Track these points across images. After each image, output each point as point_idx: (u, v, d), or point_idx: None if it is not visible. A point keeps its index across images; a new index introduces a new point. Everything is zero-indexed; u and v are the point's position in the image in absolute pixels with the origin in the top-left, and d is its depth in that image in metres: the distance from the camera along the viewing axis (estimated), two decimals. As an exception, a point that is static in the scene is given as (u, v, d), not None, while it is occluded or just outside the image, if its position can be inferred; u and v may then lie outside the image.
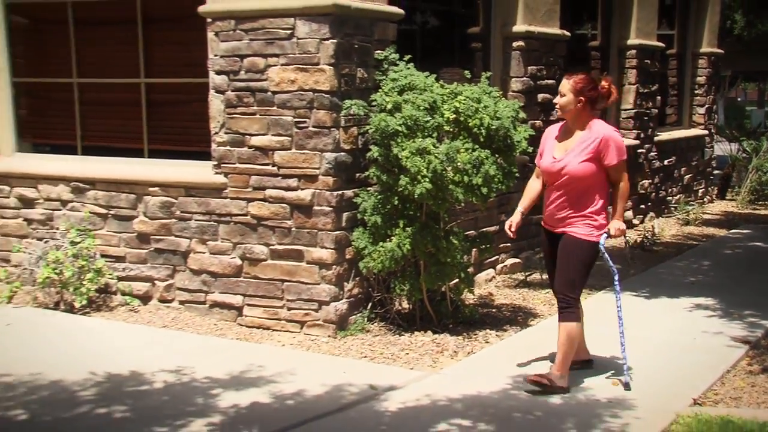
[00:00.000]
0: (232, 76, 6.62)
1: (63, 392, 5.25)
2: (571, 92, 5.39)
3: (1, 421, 4.82)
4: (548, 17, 9.00)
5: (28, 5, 7.82)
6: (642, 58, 11.25)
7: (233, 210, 6.75)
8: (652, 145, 11.94)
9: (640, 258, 9.58)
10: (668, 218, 12.41)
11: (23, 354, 5.96)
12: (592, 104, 5.46)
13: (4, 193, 7.78)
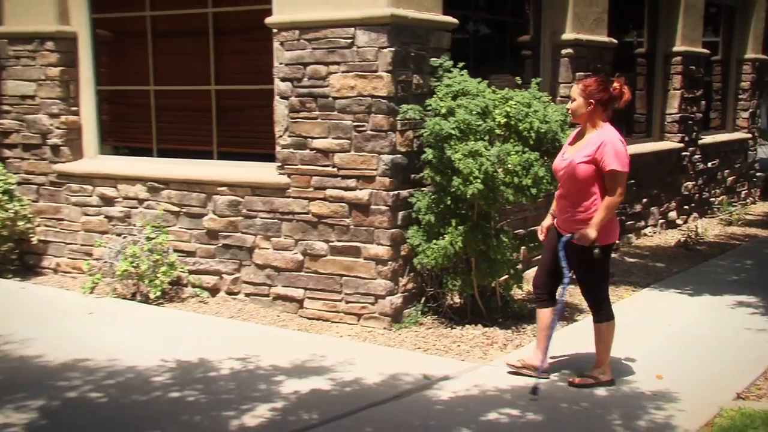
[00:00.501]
0: (295, 83, 6.65)
1: (138, 377, 5.32)
2: (581, 96, 5.18)
3: (82, 403, 4.90)
4: (596, 25, 8.89)
5: (111, 19, 7.94)
6: (687, 64, 11.04)
7: (295, 208, 6.79)
8: (696, 148, 11.72)
9: (684, 257, 9.41)
10: (711, 219, 12.17)
11: (103, 341, 6.05)
12: (604, 106, 5.21)
13: (87, 192, 7.92)
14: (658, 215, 10.85)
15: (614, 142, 5.11)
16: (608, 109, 5.27)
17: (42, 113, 8.02)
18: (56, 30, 7.86)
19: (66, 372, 5.38)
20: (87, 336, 6.18)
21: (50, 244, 8.18)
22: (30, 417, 4.65)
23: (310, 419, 4.66)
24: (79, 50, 7.98)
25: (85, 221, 7.95)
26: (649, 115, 11.06)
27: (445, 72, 6.62)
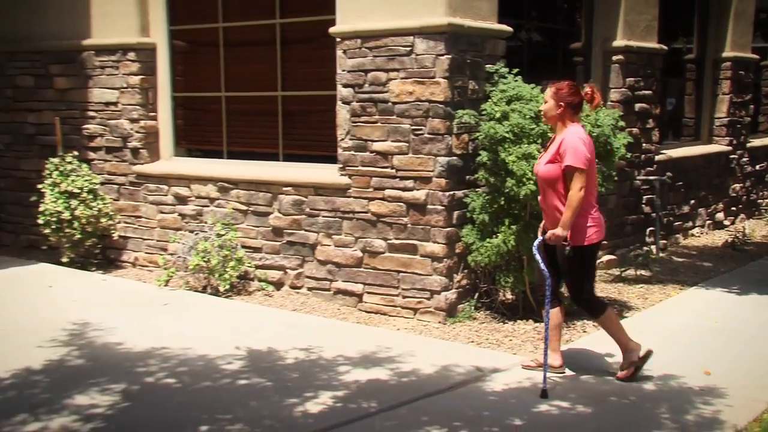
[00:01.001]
0: (357, 89, 6.69)
1: (210, 365, 5.40)
2: (553, 99, 5.11)
3: (158, 387, 5.00)
4: (647, 32, 8.75)
5: (186, 31, 8.06)
6: (736, 69, 10.79)
7: (356, 208, 6.82)
8: (745, 151, 11.45)
9: (731, 257, 9.20)
10: (759, 220, 11.87)
11: (177, 330, 6.15)
12: (573, 109, 5.11)
13: (163, 192, 8.06)
14: (706, 216, 10.63)
15: (573, 140, 5.00)
16: (578, 113, 5.21)
17: (123, 118, 8.19)
18: (138, 42, 8.02)
19: (144, 359, 5.49)
20: (162, 325, 6.29)
21: (129, 240, 8.35)
22: (113, 399, 4.77)
23: (369, 407, 4.68)
24: (157, 60, 8.14)
25: (161, 218, 8.10)
26: (698, 119, 10.84)
27: (500, 78, 6.59)
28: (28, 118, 8.86)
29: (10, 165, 9.09)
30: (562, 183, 5.06)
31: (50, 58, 8.58)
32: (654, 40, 8.91)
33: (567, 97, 5.07)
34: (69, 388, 4.91)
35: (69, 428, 4.36)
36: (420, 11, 6.32)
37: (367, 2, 6.57)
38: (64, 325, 6.21)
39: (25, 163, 8.93)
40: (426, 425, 4.44)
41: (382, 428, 4.43)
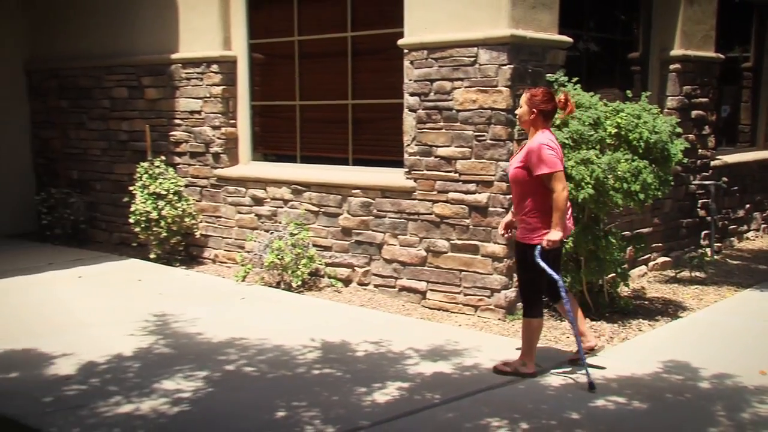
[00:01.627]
0: (423, 98, 6.69)
1: (285, 355, 5.45)
2: (527, 105, 5.02)
3: (238, 375, 5.07)
4: (704, 42, 8.55)
5: (264, 44, 8.16)
6: (792, 77, 10.48)
7: (420, 210, 6.82)
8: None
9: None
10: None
11: (254, 322, 6.23)
12: (545, 116, 5.01)
13: (241, 194, 8.18)
14: (761, 220, 10.31)
15: (539, 148, 4.90)
16: (550, 119, 5.12)
17: (206, 126, 8.34)
18: (220, 55, 8.16)
19: (224, 348, 5.57)
20: (240, 318, 6.38)
21: (210, 238, 8.49)
22: (196, 385, 4.86)
23: (432, 398, 4.68)
24: (237, 71, 8.26)
25: (239, 218, 8.22)
26: (754, 125, 10.51)
27: (560, 86, 6.51)
28: (121, 126, 9.11)
29: (105, 169, 9.35)
30: (532, 188, 4.98)
31: (142, 71, 8.81)
32: (711, 50, 8.70)
33: (540, 104, 4.99)
34: (157, 374, 5.02)
35: (158, 410, 4.46)
36: (484, 24, 6.29)
37: (433, 16, 6.56)
38: (151, 316, 6.35)
39: (118, 167, 9.18)
40: (487, 416, 4.41)
41: (445, 419, 4.42)
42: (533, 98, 5.00)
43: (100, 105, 9.28)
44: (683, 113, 8.27)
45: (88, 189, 9.53)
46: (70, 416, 4.36)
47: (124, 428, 4.22)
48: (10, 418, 4.36)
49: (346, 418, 4.37)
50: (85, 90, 9.40)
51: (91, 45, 9.30)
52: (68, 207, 9.36)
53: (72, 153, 9.67)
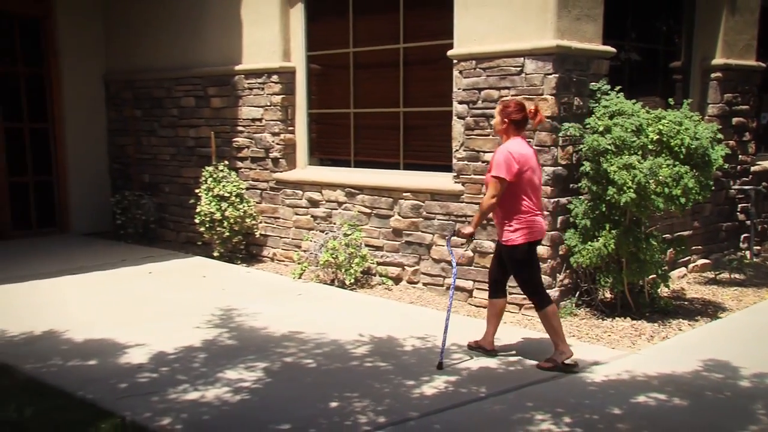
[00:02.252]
0: (471, 105, 6.66)
1: (338, 348, 5.47)
2: (500, 115, 5.13)
3: (296, 367, 5.11)
4: (745, 51, 8.35)
5: (321, 56, 8.22)
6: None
7: (468, 212, 6.79)
8: None
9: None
10: None
11: (309, 317, 6.26)
12: (516, 125, 5.08)
13: (298, 196, 8.25)
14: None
15: (502, 152, 5.00)
16: (521, 128, 5.14)
17: (266, 132, 8.43)
18: (280, 66, 8.23)
19: (282, 341, 5.61)
20: (297, 313, 6.41)
21: (269, 238, 8.57)
22: (257, 375, 4.90)
23: (479, 392, 4.65)
24: (296, 81, 8.32)
25: (296, 219, 8.28)
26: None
27: (603, 95, 6.43)
28: (189, 132, 9.26)
29: (173, 173, 9.52)
30: (508, 191, 5.00)
31: (208, 82, 8.94)
32: (752, 58, 8.49)
33: (511, 114, 5.08)
34: (221, 364, 5.09)
35: (221, 398, 4.52)
36: (530, 35, 6.24)
37: (482, 28, 6.53)
38: (215, 310, 6.43)
39: (185, 171, 9.34)
40: (531, 410, 4.37)
41: (491, 411, 4.39)
42: (506, 109, 5.11)
43: (170, 114, 9.45)
44: (724, 120, 8.09)
45: (158, 191, 9.71)
46: (142, 402, 4.44)
47: (191, 414, 4.28)
48: (89, 402, 4.46)
49: (396, 409, 4.38)
50: (157, 100, 9.59)
51: (162, 58, 9.48)
52: (140, 208, 9.55)
53: (144, 158, 9.88)
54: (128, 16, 9.86)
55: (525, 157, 5.01)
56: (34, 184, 10.04)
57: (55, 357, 5.23)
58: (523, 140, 5.15)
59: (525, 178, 5.00)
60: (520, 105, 5.15)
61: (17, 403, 4.47)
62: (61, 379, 4.79)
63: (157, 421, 4.17)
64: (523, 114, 5.11)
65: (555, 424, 4.19)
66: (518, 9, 6.30)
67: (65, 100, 9.97)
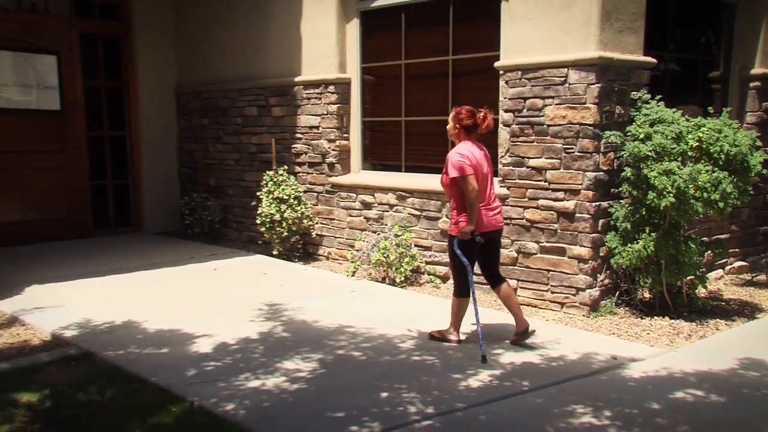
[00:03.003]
0: (516, 114, 6.62)
1: (390, 342, 5.48)
2: (453, 120, 5.31)
3: (347, 359, 5.14)
4: (783, 61, 8.12)
5: (374, 67, 8.25)
6: None
7: (513, 215, 6.75)
8: None
9: None
10: None
11: (362, 312, 6.30)
12: (467, 130, 5.27)
13: (352, 199, 8.30)
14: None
15: (451, 156, 5.21)
16: (472, 133, 5.31)
17: (323, 139, 8.50)
18: (336, 77, 8.30)
19: (336, 334, 5.65)
20: (350, 308, 6.45)
21: (324, 238, 8.64)
22: (312, 366, 4.95)
23: (522, 385, 4.62)
24: (351, 91, 8.38)
25: (350, 221, 8.34)
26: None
27: (644, 103, 6.32)
28: (251, 140, 9.40)
29: (237, 177, 9.67)
30: (455, 190, 5.24)
31: (270, 93, 9.06)
32: (790, 68, 8.24)
33: (463, 120, 5.27)
34: (278, 355, 5.15)
35: (280, 386, 4.57)
36: (574, 47, 6.17)
37: (527, 40, 6.49)
38: (274, 304, 6.51)
39: (247, 175, 9.48)
40: (572, 404, 4.32)
41: (534, 404, 4.36)
42: (458, 115, 5.30)
43: (234, 122, 9.61)
44: (762, 128, 7.86)
45: (223, 194, 9.88)
46: (209, 388, 4.53)
47: (252, 401, 4.35)
48: (162, 387, 4.57)
49: (443, 400, 4.37)
50: (223, 109, 9.76)
51: (227, 71, 9.65)
52: (206, 209, 9.72)
53: (210, 163, 10.06)
54: (197, 33, 10.07)
55: (475, 158, 5.25)
56: (113, 187, 10.33)
57: (131, 345, 5.37)
58: (473, 143, 5.34)
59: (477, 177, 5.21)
60: (471, 112, 5.30)
61: (99, 386, 4.61)
62: (136, 366, 4.92)
63: (223, 407, 4.25)
64: (473, 120, 5.28)
65: (596, 417, 4.14)
66: (562, 22, 6.24)
67: (141, 111, 10.24)
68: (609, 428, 4.00)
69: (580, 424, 4.05)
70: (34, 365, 5.01)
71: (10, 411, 4.25)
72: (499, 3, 6.72)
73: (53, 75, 9.43)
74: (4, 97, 9.11)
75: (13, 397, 4.45)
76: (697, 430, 4.01)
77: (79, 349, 5.30)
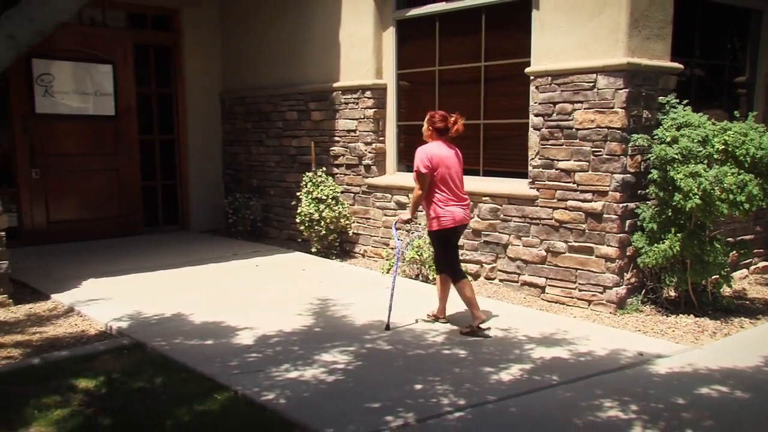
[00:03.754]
0: (546, 118, 6.56)
1: (424, 336, 5.47)
2: (427, 123, 5.63)
3: (379, 352, 5.12)
4: (809, 65, 7.92)
5: (410, 73, 8.25)
6: None
7: (542, 215, 6.70)
8: None
9: None
10: None
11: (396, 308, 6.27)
12: (438, 132, 5.56)
13: (387, 199, 8.31)
14: None
15: (419, 152, 5.51)
16: (443, 135, 5.58)
17: (360, 142, 8.53)
18: (373, 83, 8.31)
19: (371, 329, 5.67)
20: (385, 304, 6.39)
21: (360, 236, 8.66)
22: (350, 359, 4.96)
23: (551, 379, 4.59)
24: (387, 96, 8.38)
25: (385, 220, 8.34)
26: None
27: (671, 108, 6.22)
28: (292, 142, 9.47)
29: (278, 178, 9.75)
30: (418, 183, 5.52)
31: (309, 98, 9.11)
32: (817, 72, 8.04)
33: (436, 123, 5.57)
34: (317, 348, 5.17)
35: (318, 378, 4.60)
36: (602, 53, 6.10)
37: (557, 47, 6.43)
38: (313, 299, 6.55)
39: (288, 176, 9.54)
40: (600, 398, 4.28)
41: (563, 397, 4.32)
42: (432, 119, 5.61)
43: (276, 126, 9.69)
44: (788, 131, 7.68)
45: (264, 194, 9.97)
46: (251, 377, 4.58)
47: (293, 390, 4.38)
48: (207, 376, 4.63)
49: (475, 392, 4.36)
50: (265, 114, 9.85)
51: (270, 78, 9.73)
52: (248, 209, 9.82)
53: (252, 165, 10.16)
54: (241, 42, 10.18)
55: (439, 157, 5.47)
56: (161, 187, 10.50)
57: (179, 336, 5.45)
58: (443, 143, 5.58)
59: (439, 174, 5.45)
60: (444, 116, 5.59)
61: (149, 374, 4.70)
62: (183, 356, 4.99)
63: (264, 396, 4.29)
64: (444, 123, 5.57)
65: (622, 411, 4.09)
66: (591, 30, 6.17)
67: (188, 115, 10.38)
68: (635, 422, 3.95)
69: (607, 418, 4.01)
70: (90, 353, 5.12)
71: (69, 395, 4.35)
72: (530, 12, 6.67)
73: (109, 83, 9.62)
74: (64, 104, 9.33)
75: (72, 382, 4.55)
76: (722, 426, 3.94)
77: (130, 340, 5.40)
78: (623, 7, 5.95)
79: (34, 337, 5.56)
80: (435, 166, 5.42)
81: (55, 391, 4.39)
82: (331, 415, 4.02)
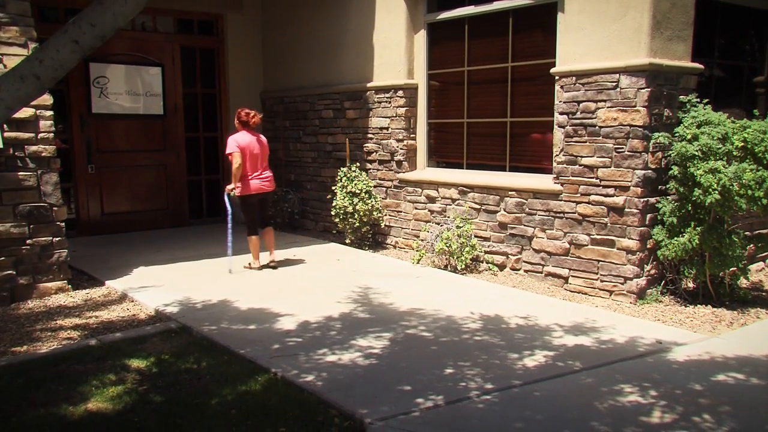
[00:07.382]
0: (570, 116, 6.52)
1: (453, 323, 5.51)
2: (236, 118, 7.15)
3: (415, 337, 5.18)
4: (828, 65, 7.72)
5: (439, 74, 8.25)
6: None
7: (565, 209, 6.66)
8: None
9: None
10: None
11: (426, 296, 6.34)
12: (243, 124, 7.13)
13: (417, 193, 8.33)
14: None
15: (229, 139, 7.05)
16: (246, 126, 7.13)
17: (392, 139, 8.56)
18: (405, 83, 8.31)
19: (405, 316, 5.70)
20: (416, 292, 6.50)
21: (392, 228, 8.70)
22: (384, 344, 5.01)
23: (574, 365, 4.59)
24: (418, 95, 8.39)
25: (415, 213, 8.37)
26: None
27: (692, 107, 6.13)
28: (328, 139, 9.53)
29: (314, 173, 9.83)
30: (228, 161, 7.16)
31: (345, 97, 9.16)
32: (835, 71, 7.84)
33: (241, 118, 7.12)
34: (353, 333, 5.23)
35: (354, 361, 4.66)
36: (625, 54, 6.04)
37: (581, 49, 6.38)
38: (348, 288, 6.61)
39: (324, 171, 9.62)
40: (620, 383, 4.28)
41: (585, 383, 4.32)
42: (239, 114, 7.14)
43: (313, 124, 9.76)
44: (807, 128, 7.51)
45: (301, 188, 10.06)
46: (291, 360, 4.65)
47: (329, 373, 4.44)
48: (249, 359, 4.72)
49: (502, 377, 4.39)
50: (303, 112, 9.92)
51: (307, 78, 9.80)
52: (286, 202, 9.92)
53: (291, 161, 10.25)
54: (280, 45, 10.26)
55: (245, 142, 7.02)
56: (206, 182, 10.65)
57: (224, 321, 5.56)
58: (247, 132, 7.12)
59: (245, 155, 7.01)
60: (247, 113, 7.09)
61: (195, 356, 4.80)
62: (227, 339, 5.09)
63: (303, 378, 4.36)
64: (247, 118, 7.08)
65: (642, 396, 4.08)
66: (615, 31, 6.11)
67: (231, 114, 10.49)
68: (654, 407, 3.94)
69: (627, 402, 4.00)
70: (142, 336, 5.26)
71: (123, 374, 4.48)
72: (556, 15, 6.63)
73: (158, 84, 9.79)
74: (117, 104, 9.52)
75: (125, 362, 4.68)
76: (739, 411, 3.91)
77: (178, 324, 5.52)
78: (646, 9, 5.88)
79: (90, 320, 5.72)
80: (242, 150, 6.97)
81: (111, 370, 4.53)
82: (365, 397, 4.07)
